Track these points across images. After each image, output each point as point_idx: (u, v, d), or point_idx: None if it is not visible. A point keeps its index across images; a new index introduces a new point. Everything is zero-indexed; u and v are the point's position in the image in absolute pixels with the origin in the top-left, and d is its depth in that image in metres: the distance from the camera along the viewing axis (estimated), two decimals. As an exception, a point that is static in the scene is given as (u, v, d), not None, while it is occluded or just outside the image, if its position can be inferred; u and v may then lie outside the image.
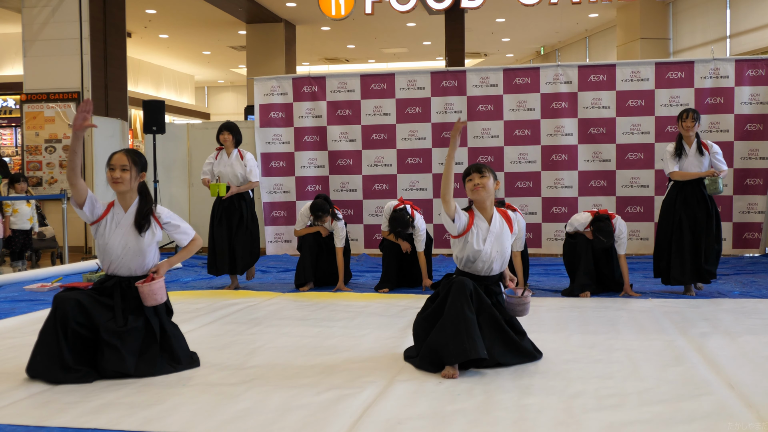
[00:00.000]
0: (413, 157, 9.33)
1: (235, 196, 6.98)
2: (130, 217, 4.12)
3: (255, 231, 7.12)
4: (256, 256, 7.20)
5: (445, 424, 3.15)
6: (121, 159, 4.09)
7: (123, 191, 4.11)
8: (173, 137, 10.26)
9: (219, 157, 7.08)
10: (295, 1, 15.52)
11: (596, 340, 4.67)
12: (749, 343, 4.51)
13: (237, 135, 7.07)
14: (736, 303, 5.96)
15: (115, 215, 4.14)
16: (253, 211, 7.17)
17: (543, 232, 9.09)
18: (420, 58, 23.76)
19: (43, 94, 10.76)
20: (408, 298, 6.41)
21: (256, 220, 7.17)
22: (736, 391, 3.53)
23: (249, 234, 7.02)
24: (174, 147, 10.26)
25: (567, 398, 3.47)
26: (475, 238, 4.18)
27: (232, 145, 7.03)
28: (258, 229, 7.20)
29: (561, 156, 9.00)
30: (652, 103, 8.82)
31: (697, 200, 6.31)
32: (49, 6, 10.71)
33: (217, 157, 7.08)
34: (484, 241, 4.18)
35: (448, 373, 3.84)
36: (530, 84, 9.06)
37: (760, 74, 8.64)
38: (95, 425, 3.20)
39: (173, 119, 23.13)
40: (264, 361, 4.27)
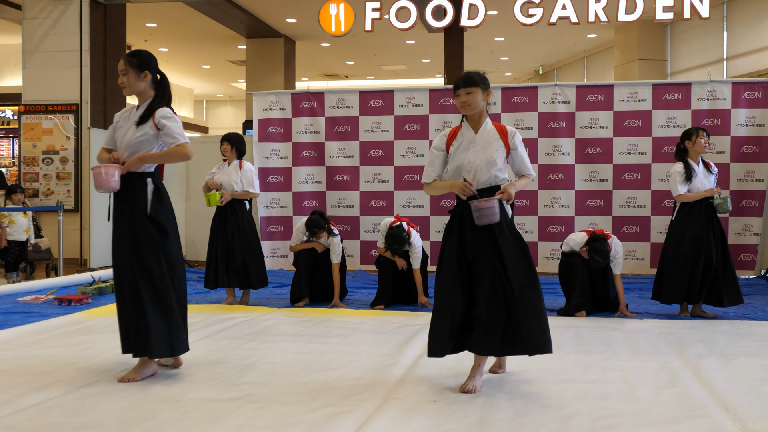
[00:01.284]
0: (411, 174, 9.34)
1: (231, 211, 6.95)
2: (139, 112, 4.21)
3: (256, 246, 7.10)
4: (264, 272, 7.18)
5: (439, 444, 3.13)
6: (120, 65, 4.21)
7: (129, 95, 4.27)
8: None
9: (221, 167, 7.13)
10: (295, 17, 15.59)
11: (592, 360, 4.66)
12: (744, 365, 4.51)
13: (238, 145, 7.09)
14: (732, 324, 5.96)
15: (131, 114, 4.26)
16: (252, 226, 7.11)
17: (539, 250, 9.09)
18: (419, 76, 23.86)
19: (41, 106, 10.77)
20: (403, 316, 6.40)
21: (256, 235, 7.15)
22: (731, 414, 3.52)
23: (251, 247, 6.98)
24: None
25: (562, 419, 3.46)
26: (456, 148, 4.13)
27: (233, 156, 7.06)
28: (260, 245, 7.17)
29: (558, 175, 9.02)
30: (649, 124, 8.85)
31: (707, 220, 6.28)
32: (49, 18, 10.74)
33: (220, 167, 7.13)
34: (467, 150, 4.11)
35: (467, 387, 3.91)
36: (528, 103, 9.09)
37: (756, 96, 8.68)
38: (87, 440, 3.18)
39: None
40: (258, 377, 4.26)
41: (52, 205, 10.52)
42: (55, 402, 3.71)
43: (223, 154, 7.13)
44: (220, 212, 7.00)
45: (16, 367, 4.44)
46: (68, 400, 3.74)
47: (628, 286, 8.06)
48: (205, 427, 3.34)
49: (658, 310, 6.69)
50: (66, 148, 10.75)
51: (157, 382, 4.11)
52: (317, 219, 6.93)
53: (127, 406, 3.66)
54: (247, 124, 13.20)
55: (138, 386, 4.02)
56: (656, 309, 6.77)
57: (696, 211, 6.30)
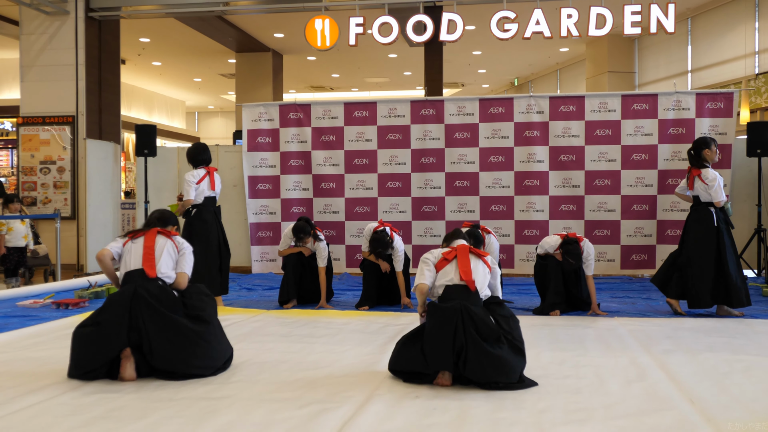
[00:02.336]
0: (393, 181, 9.36)
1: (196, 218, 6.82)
2: None
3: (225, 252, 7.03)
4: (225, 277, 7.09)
5: (420, 437, 3.14)
6: None
7: None
8: (164, 160, 10.21)
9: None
10: (282, 32, 15.59)
11: (565, 357, 4.68)
12: (709, 360, 4.55)
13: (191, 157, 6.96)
14: (697, 322, 6.00)
15: None
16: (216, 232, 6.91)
17: (516, 253, 9.13)
18: (401, 88, 23.89)
19: (39, 118, 10.70)
20: (387, 316, 6.40)
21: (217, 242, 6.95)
22: (697, 406, 3.55)
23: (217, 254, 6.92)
24: (165, 169, 10.21)
25: (537, 412, 3.48)
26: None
27: (190, 167, 7.01)
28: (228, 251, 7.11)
29: (533, 182, 9.07)
30: (618, 133, 8.92)
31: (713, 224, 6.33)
32: (46, 33, 10.68)
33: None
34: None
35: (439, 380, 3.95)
36: (504, 113, 9.14)
37: (719, 107, 8.77)
38: (84, 437, 3.17)
39: (164, 143, 23.04)
40: (248, 375, 4.25)
41: (49, 212, 10.45)
42: (53, 402, 3.69)
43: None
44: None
45: (14, 369, 4.41)
46: (65, 400, 3.72)
47: (599, 286, 8.11)
48: (197, 425, 3.33)
49: (627, 309, 6.73)
50: (63, 158, 10.69)
51: (151, 382, 4.09)
52: (303, 225, 6.92)
53: (121, 406, 3.64)
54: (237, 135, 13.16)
55: (131, 387, 4.00)
56: (626, 308, 6.81)
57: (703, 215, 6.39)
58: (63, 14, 10.61)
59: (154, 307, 4.17)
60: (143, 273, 4.40)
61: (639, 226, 8.86)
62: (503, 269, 9.04)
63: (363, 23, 9.81)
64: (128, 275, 4.43)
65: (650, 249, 8.88)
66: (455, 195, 9.20)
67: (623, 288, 8.16)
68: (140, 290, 4.22)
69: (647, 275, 8.96)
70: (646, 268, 8.89)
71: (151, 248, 4.52)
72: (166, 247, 4.58)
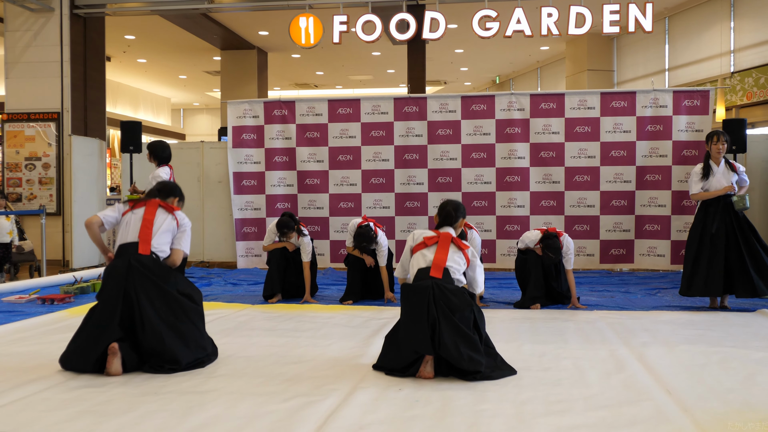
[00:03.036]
0: (377, 178, 9.35)
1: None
2: None
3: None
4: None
5: (404, 430, 3.14)
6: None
7: None
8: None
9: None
10: (267, 30, 15.52)
11: (546, 350, 4.70)
12: (685, 352, 4.59)
13: (153, 153, 7.21)
14: (674, 315, 6.05)
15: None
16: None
17: (497, 248, 9.15)
18: (384, 85, 23.89)
19: (24, 114, 10.59)
20: (371, 310, 6.40)
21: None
22: (673, 397, 3.58)
23: None
24: (150, 166, 10.05)
25: (518, 404, 3.49)
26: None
27: (155, 163, 7.23)
28: None
29: (514, 178, 9.09)
30: (597, 130, 8.96)
31: (723, 216, 6.26)
32: (31, 30, 10.57)
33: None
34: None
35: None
36: (486, 110, 9.15)
37: (695, 104, 8.83)
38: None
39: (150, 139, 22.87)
40: (233, 369, 4.23)
41: (35, 209, 10.34)
42: (38, 397, 3.65)
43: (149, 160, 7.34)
44: None
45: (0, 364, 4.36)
46: (50, 395, 3.68)
47: (579, 280, 8.16)
48: (183, 418, 3.31)
49: (606, 302, 6.77)
50: (48, 155, 10.58)
51: (136, 376, 4.07)
52: (287, 220, 6.90)
53: (107, 400, 3.61)
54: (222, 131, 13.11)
55: (118, 381, 3.97)
56: (606, 301, 6.85)
57: (714, 209, 6.32)
58: (48, 11, 10.49)
59: (147, 277, 4.17)
60: (137, 247, 4.31)
61: (617, 222, 8.91)
62: (485, 263, 9.07)
63: (347, 21, 9.79)
64: (122, 248, 4.35)
65: (628, 244, 8.94)
66: (438, 191, 9.20)
67: (602, 282, 8.21)
68: (133, 262, 4.20)
69: (626, 269, 9.01)
70: (625, 262, 8.94)
71: (150, 222, 4.40)
72: (166, 222, 4.48)
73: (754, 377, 3.96)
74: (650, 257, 8.87)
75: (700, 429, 3.11)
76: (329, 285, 8.15)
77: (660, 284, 7.97)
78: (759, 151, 9.02)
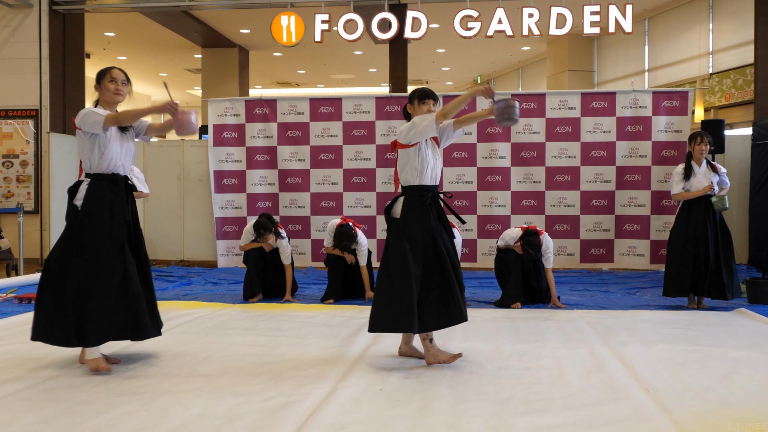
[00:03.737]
0: (358, 177, 9.34)
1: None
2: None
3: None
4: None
5: (384, 429, 3.13)
6: (121, 75, 4.33)
7: (119, 102, 4.34)
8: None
9: None
10: (248, 28, 15.45)
11: (526, 349, 4.71)
12: (664, 351, 4.62)
13: None
14: (653, 314, 6.10)
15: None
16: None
17: (478, 247, 9.17)
18: (366, 84, 23.86)
19: (1, 111, 10.46)
20: (352, 309, 6.39)
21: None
22: (652, 395, 3.60)
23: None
24: (130, 164, 10.04)
25: (498, 403, 3.49)
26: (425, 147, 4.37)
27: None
28: None
29: (495, 177, 9.11)
30: (578, 130, 9.00)
31: (705, 217, 6.31)
32: (9, 26, 10.44)
33: None
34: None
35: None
36: (467, 110, 9.15)
37: (674, 105, 8.90)
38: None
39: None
40: (214, 369, 4.20)
41: (12, 206, 10.22)
42: (16, 397, 3.61)
43: None
44: None
45: (-24, 364, 4.30)
46: (29, 395, 3.64)
47: (559, 279, 8.19)
48: (162, 418, 3.28)
49: (586, 301, 6.81)
50: (26, 152, 10.46)
51: (116, 376, 4.03)
52: (264, 221, 6.86)
53: (86, 400, 3.57)
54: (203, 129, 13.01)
55: (97, 380, 3.93)
56: (586, 301, 6.88)
57: (696, 209, 6.36)
58: (26, 7, 10.37)
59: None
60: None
61: (597, 221, 8.97)
62: (465, 263, 9.09)
63: (328, 20, 9.76)
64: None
65: (608, 243, 8.99)
66: (419, 190, 9.19)
67: (582, 281, 8.26)
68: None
69: (606, 269, 9.07)
70: (605, 261, 9.00)
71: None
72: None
73: (732, 376, 4.00)
74: (630, 257, 8.94)
75: (679, 427, 3.13)
76: (310, 284, 8.13)
77: (639, 283, 8.03)
78: (737, 152, 9.12)
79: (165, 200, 9.99)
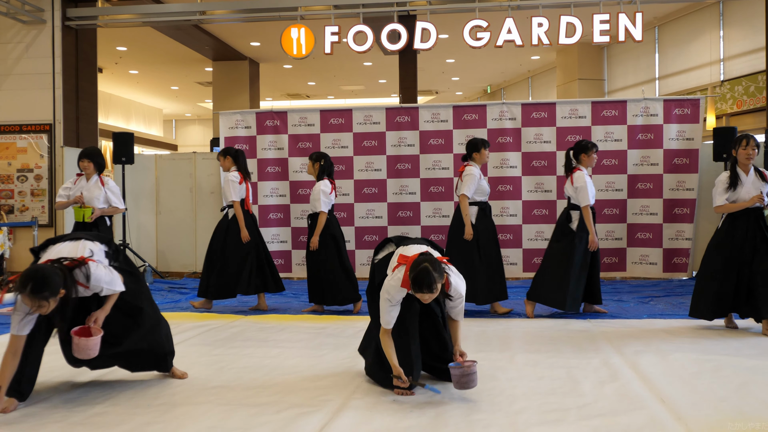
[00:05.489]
0: (369, 187, 9.35)
1: (90, 224, 6.78)
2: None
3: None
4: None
5: (398, 440, 3.13)
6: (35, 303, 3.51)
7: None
8: (142, 167, 10.13)
9: (77, 182, 6.94)
10: (259, 41, 15.54)
11: (539, 359, 4.70)
12: (678, 360, 4.59)
13: (98, 159, 6.94)
14: (666, 323, 6.06)
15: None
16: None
17: (490, 257, 9.14)
18: (376, 95, 23.91)
19: (16, 126, 10.56)
20: (363, 320, 6.36)
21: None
22: (667, 405, 3.58)
23: None
24: (143, 177, 10.13)
25: (512, 414, 3.48)
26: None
27: (93, 171, 6.91)
28: None
29: (506, 187, 9.10)
30: (589, 138, 8.97)
31: (754, 232, 5.52)
32: (23, 42, 10.55)
33: (76, 182, 6.95)
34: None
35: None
36: (478, 120, 9.17)
37: (686, 113, 8.87)
38: (61, 445, 3.12)
39: (142, 150, 22.84)
40: (227, 380, 4.21)
41: (27, 220, 10.29)
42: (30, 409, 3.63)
43: (83, 170, 6.94)
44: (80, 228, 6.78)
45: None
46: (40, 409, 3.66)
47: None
48: (176, 430, 3.29)
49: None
50: (40, 166, 10.55)
51: (129, 388, 4.04)
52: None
53: (102, 411, 3.59)
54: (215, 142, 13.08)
55: (112, 393, 3.95)
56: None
57: (742, 222, 5.56)
58: (40, 23, 10.48)
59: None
60: None
61: (610, 230, 8.92)
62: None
63: (338, 32, 9.80)
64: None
65: (621, 252, 8.95)
66: (430, 200, 9.20)
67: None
68: None
69: (619, 278, 9.02)
70: (618, 270, 8.95)
71: None
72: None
73: (748, 385, 3.97)
74: (642, 265, 8.89)
75: (694, 437, 3.11)
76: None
77: (653, 292, 7.98)
78: (749, 159, 9.06)
79: (177, 213, 10.04)
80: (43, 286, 3.41)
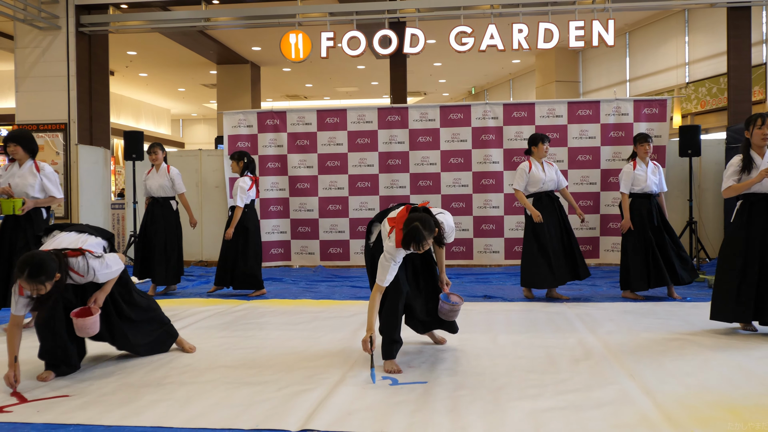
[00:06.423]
0: (363, 182, 9.34)
1: (27, 220, 5.47)
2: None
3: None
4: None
5: (389, 414, 3.14)
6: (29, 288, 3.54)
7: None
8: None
9: (9, 169, 5.49)
10: (259, 46, 15.47)
11: (519, 339, 4.71)
12: (646, 340, 4.61)
13: (27, 145, 5.47)
14: (638, 306, 6.08)
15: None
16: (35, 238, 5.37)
17: (474, 246, 9.16)
18: (368, 96, 23.86)
19: (33, 125, 10.48)
20: (359, 304, 6.38)
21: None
22: (636, 381, 3.60)
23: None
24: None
25: (494, 390, 3.50)
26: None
27: (25, 157, 5.46)
28: None
29: (489, 181, 9.11)
30: (565, 136, 9.00)
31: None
32: (39, 47, 10.46)
33: (8, 169, 5.50)
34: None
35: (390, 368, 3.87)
36: (463, 119, 9.16)
37: (654, 112, 8.89)
38: (77, 421, 3.11)
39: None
40: (231, 361, 4.21)
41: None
42: (44, 389, 3.62)
43: (10, 155, 5.48)
44: (11, 222, 5.49)
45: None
46: (57, 386, 3.65)
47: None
48: (183, 406, 3.29)
49: (575, 294, 6.78)
50: (56, 163, 10.48)
51: (139, 369, 4.04)
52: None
53: (112, 390, 3.58)
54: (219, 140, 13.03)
55: (123, 373, 3.94)
56: (573, 294, 6.86)
57: (760, 208, 4.65)
58: (55, 29, 10.39)
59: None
60: None
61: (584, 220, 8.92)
62: (462, 260, 9.09)
63: (333, 37, 9.76)
64: None
65: (594, 240, 8.98)
66: (419, 193, 9.21)
67: (571, 276, 8.22)
68: None
69: (593, 264, 9.05)
70: (591, 257, 8.98)
71: None
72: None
73: (709, 362, 3.99)
74: (614, 252, 8.92)
75: (662, 410, 3.13)
76: (319, 282, 8.13)
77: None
78: (712, 155, 9.10)
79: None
80: (40, 271, 3.47)
